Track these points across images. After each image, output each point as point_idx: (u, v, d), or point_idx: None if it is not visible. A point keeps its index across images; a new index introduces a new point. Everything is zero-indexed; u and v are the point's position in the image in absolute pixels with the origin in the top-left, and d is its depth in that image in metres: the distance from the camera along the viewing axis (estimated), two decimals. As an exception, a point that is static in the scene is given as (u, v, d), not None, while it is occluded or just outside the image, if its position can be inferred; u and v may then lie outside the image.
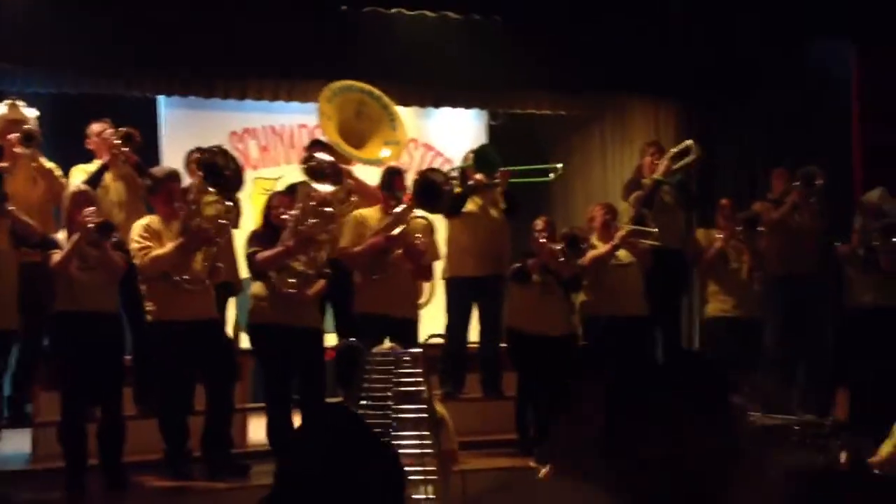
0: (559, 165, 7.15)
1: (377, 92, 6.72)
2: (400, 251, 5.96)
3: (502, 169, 6.76)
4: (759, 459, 1.92)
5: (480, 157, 6.71)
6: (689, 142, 7.28)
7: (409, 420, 5.03)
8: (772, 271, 7.16)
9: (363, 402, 5.07)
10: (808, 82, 8.39)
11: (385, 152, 6.63)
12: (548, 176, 7.13)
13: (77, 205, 5.29)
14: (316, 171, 5.70)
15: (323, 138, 6.66)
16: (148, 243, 5.37)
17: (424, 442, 4.99)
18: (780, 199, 7.29)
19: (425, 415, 5.01)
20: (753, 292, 7.07)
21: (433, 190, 6.07)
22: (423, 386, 5.05)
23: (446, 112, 8.71)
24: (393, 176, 6.26)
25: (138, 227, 5.48)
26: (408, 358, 5.07)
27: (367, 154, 6.62)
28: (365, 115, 6.56)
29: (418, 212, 6.14)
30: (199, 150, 5.93)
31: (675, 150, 7.26)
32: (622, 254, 6.59)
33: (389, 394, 4.96)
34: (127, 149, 6.11)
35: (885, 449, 4.97)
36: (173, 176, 5.66)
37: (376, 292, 5.94)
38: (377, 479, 1.90)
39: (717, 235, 6.98)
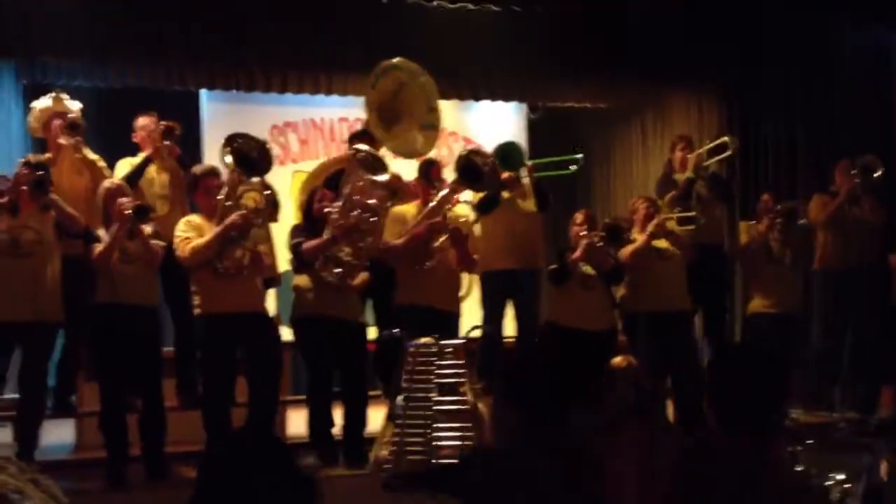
0: (580, 156, 7.03)
1: (415, 68, 6.44)
2: (444, 237, 5.88)
3: (527, 163, 6.68)
4: None
5: (502, 155, 6.57)
6: (725, 138, 7.13)
7: (450, 412, 5.01)
8: (829, 266, 7.00)
9: (404, 394, 5.07)
10: (851, 72, 8.28)
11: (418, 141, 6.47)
12: (569, 168, 7.01)
13: (111, 199, 5.35)
14: (365, 163, 5.70)
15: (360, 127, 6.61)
16: (188, 235, 5.40)
17: (465, 434, 4.98)
18: (838, 192, 7.07)
19: (466, 407, 4.99)
20: (797, 288, 6.95)
21: (475, 170, 6.02)
22: (464, 378, 5.03)
23: (486, 105, 8.67)
24: (430, 167, 6.25)
25: (182, 222, 5.53)
26: (449, 350, 5.06)
27: (400, 140, 6.43)
28: (403, 94, 6.44)
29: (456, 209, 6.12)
30: (224, 141, 5.83)
31: (709, 145, 7.14)
32: (665, 245, 6.44)
33: (431, 385, 4.95)
34: (168, 142, 6.16)
35: None
36: (210, 172, 5.66)
37: (421, 283, 5.87)
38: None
39: (760, 229, 6.89)
